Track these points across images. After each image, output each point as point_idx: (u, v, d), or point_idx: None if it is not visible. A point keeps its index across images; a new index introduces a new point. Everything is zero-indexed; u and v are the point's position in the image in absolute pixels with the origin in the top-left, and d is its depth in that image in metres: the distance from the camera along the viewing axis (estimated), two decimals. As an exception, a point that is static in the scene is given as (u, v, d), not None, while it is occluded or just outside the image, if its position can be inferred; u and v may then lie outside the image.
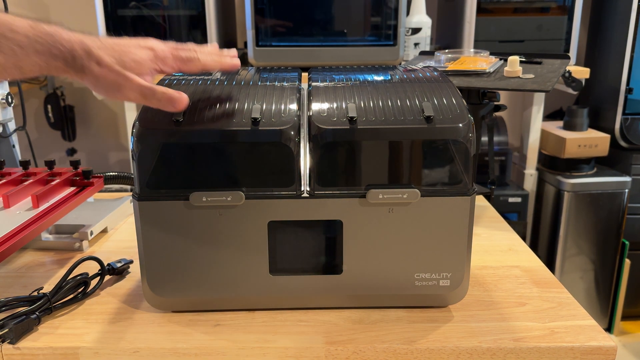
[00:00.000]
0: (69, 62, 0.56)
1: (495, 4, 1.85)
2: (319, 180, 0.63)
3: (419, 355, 0.63)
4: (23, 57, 0.54)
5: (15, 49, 0.53)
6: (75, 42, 0.56)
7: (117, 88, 0.58)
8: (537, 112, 1.95)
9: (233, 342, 0.63)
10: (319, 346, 0.63)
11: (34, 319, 0.65)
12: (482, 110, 0.98)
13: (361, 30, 1.80)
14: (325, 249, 0.67)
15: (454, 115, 0.63)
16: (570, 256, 1.99)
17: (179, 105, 0.61)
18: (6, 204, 0.84)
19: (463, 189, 0.64)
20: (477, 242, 0.89)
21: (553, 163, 2.00)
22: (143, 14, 1.81)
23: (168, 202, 0.63)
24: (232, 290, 0.67)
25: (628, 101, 1.94)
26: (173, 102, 0.60)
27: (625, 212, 1.95)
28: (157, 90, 0.59)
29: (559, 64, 1.02)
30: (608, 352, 0.63)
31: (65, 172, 0.96)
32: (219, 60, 0.65)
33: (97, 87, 0.58)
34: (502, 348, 0.63)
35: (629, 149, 1.99)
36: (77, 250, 0.88)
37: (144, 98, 0.59)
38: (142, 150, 0.62)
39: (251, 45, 1.77)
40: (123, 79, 0.57)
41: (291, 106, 0.65)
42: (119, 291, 0.75)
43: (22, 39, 0.54)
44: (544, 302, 0.72)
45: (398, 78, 0.73)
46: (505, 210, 1.95)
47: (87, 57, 0.56)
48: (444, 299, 0.69)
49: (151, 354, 0.63)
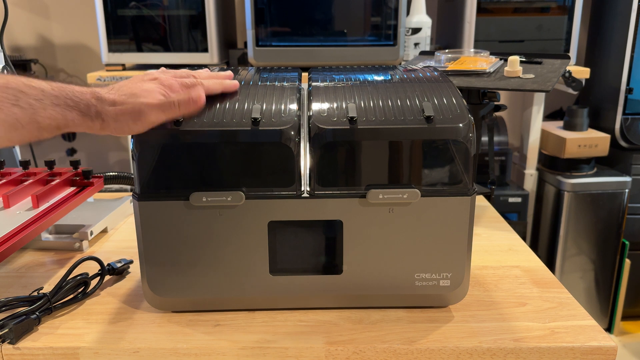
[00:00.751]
0: (84, 112, 0.57)
1: (495, 4, 1.85)
2: (319, 180, 0.63)
3: (419, 355, 0.63)
4: (40, 111, 0.55)
5: (32, 103, 0.54)
6: (87, 92, 0.58)
7: (137, 117, 0.59)
8: (537, 112, 1.95)
9: (233, 342, 0.63)
10: (319, 346, 0.63)
11: (34, 319, 0.65)
12: (482, 110, 0.98)
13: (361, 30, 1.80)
14: (325, 249, 0.67)
15: (454, 115, 0.63)
16: (570, 256, 1.99)
17: (200, 101, 0.63)
18: (6, 204, 0.84)
19: (463, 189, 0.64)
20: (477, 242, 0.89)
21: (553, 163, 2.00)
22: (143, 14, 1.81)
23: (168, 202, 0.63)
24: (232, 290, 0.67)
25: (628, 101, 1.94)
26: (193, 101, 0.62)
27: (625, 212, 1.95)
28: (174, 99, 0.61)
29: (559, 64, 1.02)
30: (608, 352, 0.63)
31: (65, 172, 0.96)
32: (220, 82, 0.67)
33: (119, 126, 0.59)
34: (502, 348, 0.63)
35: (629, 149, 1.99)
36: (77, 250, 0.88)
37: (165, 112, 0.61)
38: (142, 150, 0.62)
39: (251, 45, 1.77)
40: (139, 105, 0.59)
41: (291, 106, 0.65)
42: (119, 291, 0.75)
43: (39, 93, 0.55)
44: (544, 302, 0.72)
45: (398, 78, 0.73)
46: (505, 210, 1.95)
47: (99, 102, 0.58)
48: (444, 299, 0.69)
49: (151, 354, 0.63)
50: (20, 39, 2.25)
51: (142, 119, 0.60)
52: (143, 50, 1.85)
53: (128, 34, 1.83)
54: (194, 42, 1.84)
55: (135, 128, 0.60)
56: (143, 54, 1.85)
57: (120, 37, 1.83)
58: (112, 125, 0.59)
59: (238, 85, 0.68)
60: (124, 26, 1.82)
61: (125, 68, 1.89)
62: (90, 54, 2.28)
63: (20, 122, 0.54)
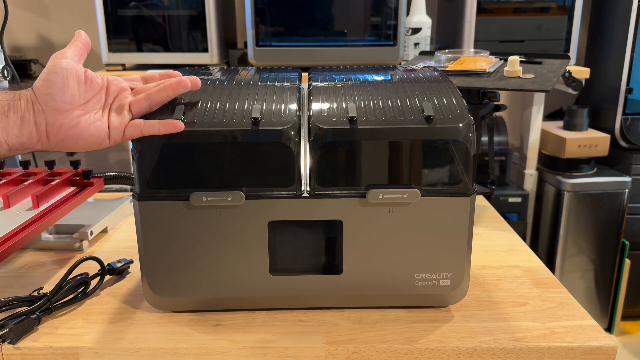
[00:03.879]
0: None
1: (495, 4, 1.85)
2: (319, 180, 0.63)
3: (419, 355, 0.63)
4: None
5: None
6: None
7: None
8: (537, 112, 1.95)
9: (233, 342, 0.63)
10: (319, 346, 0.63)
11: (34, 319, 0.65)
12: (482, 110, 0.98)
13: (361, 30, 1.80)
14: (325, 249, 0.67)
15: (454, 115, 0.63)
16: (570, 256, 1.99)
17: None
18: (6, 204, 0.84)
19: (463, 189, 0.64)
20: (477, 242, 0.89)
21: (553, 163, 2.00)
22: (143, 14, 1.81)
23: (168, 202, 0.63)
24: (232, 290, 0.67)
25: (628, 101, 1.94)
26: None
27: (625, 212, 1.95)
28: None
29: (559, 64, 1.02)
30: (608, 352, 0.63)
31: (65, 172, 0.96)
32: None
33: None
34: (502, 348, 0.63)
35: (629, 149, 1.99)
36: (77, 250, 0.88)
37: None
38: (142, 150, 0.62)
39: (251, 45, 1.77)
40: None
41: (291, 106, 0.65)
42: (119, 291, 0.75)
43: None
44: (544, 302, 0.72)
45: (398, 78, 0.73)
46: (505, 210, 1.95)
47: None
48: (444, 299, 0.69)
49: (151, 354, 0.63)
50: (20, 39, 2.25)
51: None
52: (143, 50, 1.85)
53: (128, 34, 1.83)
54: (194, 42, 1.84)
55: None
56: (143, 54, 1.85)
57: (120, 37, 1.83)
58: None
59: (187, 84, 0.64)
60: (124, 26, 1.82)
61: (125, 68, 1.89)
62: (90, 53, 2.27)
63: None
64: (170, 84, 0.63)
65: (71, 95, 0.60)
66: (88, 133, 0.61)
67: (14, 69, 1.33)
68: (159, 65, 1.84)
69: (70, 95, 0.60)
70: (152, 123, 0.61)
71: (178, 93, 0.64)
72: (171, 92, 0.64)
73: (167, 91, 0.64)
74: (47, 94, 0.59)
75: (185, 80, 0.64)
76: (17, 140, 0.59)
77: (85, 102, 0.61)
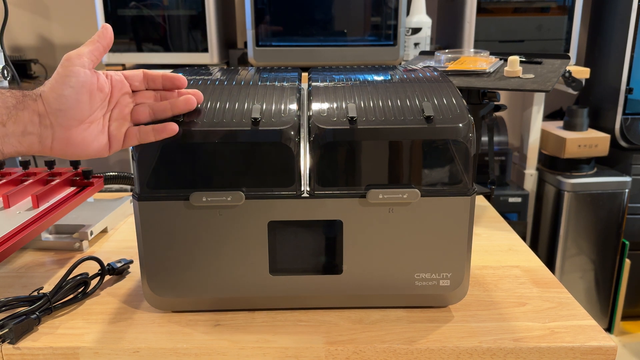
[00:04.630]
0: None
1: (495, 4, 1.85)
2: (319, 180, 0.63)
3: (419, 355, 0.63)
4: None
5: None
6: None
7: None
8: (537, 112, 1.95)
9: (233, 342, 0.63)
10: (319, 346, 0.63)
11: (34, 319, 0.65)
12: (482, 110, 0.98)
13: (361, 30, 1.80)
14: (325, 249, 0.67)
15: (454, 115, 0.63)
16: (570, 256, 1.99)
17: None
18: (6, 204, 0.84)
19: (463, 189, 0.64)
20: (477, 242, 0.89)
21: (553, 163, 2.00)
22: (143, 14, 1.81)
23: (168, 202, 0.63)
24: (232, 290, 0.67)
25: (628, 101, 1.94)
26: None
27: (625, 212, 1.95)
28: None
29: (559, 64, 1.02)
30: (608, 352, 0.63)
31: (65, 172, 0.96)
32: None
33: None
34: (502, 348, 0.63)
35: (629, 149, 1.99)
36: (77, 250, 0.88)
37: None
38: (142, 150, 0.62)
39: (251, 45, 1.77)
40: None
41: (291, 106, 0.65)
42: (119, 291, 0.75)
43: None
44: (544, 302, 0.72)
45: (398, 78, 0.73)
46: (505, 210, 1.95)
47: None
48: (444, 299, 0.69)
49: (151, 354, 0.63)
50: (20, 39, 2.25)
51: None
52: (143, 50, 1.85)
53: (128, 34, 1.83)
54: (194, 42, 1.84)
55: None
56: (143, 54, 1.85)
57: (120, 37, 1.83)
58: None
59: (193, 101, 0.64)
60: (124, 26, 1.82)
61: (125, 68, 1.89)
62: (90, 54, 2.27)
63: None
64: (177, 104, 0.62)
65: (82, 111, 0.58)
66: (90, 146, 0.60)
67: (14, 69, 1.33)
68: (159, 65, 1.84)
69: (81, 112, 0.58)
70: (146, 131, 0.61)
71: (184, 112, 0.63)
72: (177, 111, 0.63)
73: (173, 110, 0.63)
74: (59, 110, 0.57)
75: (191, 99, 0.63)
76: (14, 149, 0.57)
77: (91, 113, 0.59)
